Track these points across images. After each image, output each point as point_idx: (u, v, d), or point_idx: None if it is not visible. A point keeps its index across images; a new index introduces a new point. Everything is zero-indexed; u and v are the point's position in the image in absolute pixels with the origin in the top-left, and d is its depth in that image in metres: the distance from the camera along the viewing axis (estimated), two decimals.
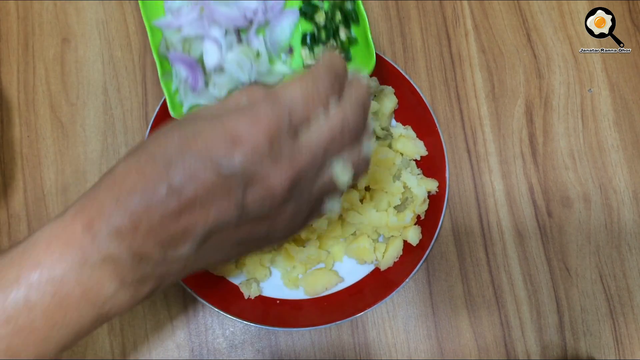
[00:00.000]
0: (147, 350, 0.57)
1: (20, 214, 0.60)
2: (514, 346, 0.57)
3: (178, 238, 0.30)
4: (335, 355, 0.57)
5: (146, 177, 0.29)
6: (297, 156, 0.30)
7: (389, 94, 0.59)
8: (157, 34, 0.51)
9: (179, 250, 0.30)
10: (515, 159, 0.61)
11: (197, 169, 0.28)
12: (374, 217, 0.55)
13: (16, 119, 0.62)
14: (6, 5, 0.64)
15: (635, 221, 0.60)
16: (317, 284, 0.57)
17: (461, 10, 0.65)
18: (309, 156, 0.31)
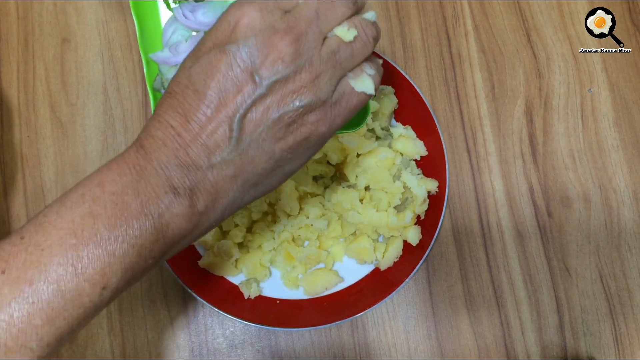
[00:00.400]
0: (147, 350, 0.57)
1: (20, 214, 0.60)
2: (514, 346, 0.57)
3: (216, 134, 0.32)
4: (335, 355, 0.57)
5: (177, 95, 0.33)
6: (293, 22, 0.33)
7: (389, 94, 0.59)
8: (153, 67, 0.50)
9: (222, 148, 0.33)
10: (515, 159, 0.61)
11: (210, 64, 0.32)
12: (374, 217, 0.55)
13: (16, 119, 0.62)
14: (6, 5, 0.64)
15: (635, 221, 0.60)
16: (317, 284, 0.57)
17: (461, 10, 0.65)
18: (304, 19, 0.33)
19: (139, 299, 0.58)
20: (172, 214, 0.32)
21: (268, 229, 0.57)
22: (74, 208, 0.31)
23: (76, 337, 0.57)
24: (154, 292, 0.58)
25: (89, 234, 0.31)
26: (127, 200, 0.31)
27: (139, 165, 0.32)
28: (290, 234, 0.57)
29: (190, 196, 0.33)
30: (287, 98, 0.33)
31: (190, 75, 0.33)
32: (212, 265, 0.57)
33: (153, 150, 0.32)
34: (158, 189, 0.32)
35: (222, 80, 0.32)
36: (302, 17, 0.33)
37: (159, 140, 0.33)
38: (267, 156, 0.34)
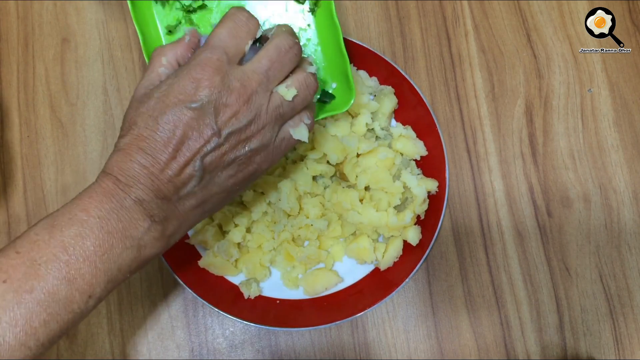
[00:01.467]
0: (147, 350, 0.57)
1: (20, 214, 0.60)
2: (514, 346, 0.57)
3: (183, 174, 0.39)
4: (335, 355, 0.57)
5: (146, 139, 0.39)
6: (246, 82, 0.40)
7: (389, 94, 0.59)
8: None
9: (187, 185, 0.39)
10: (515, 159, 0.61)
11: (177, 117, 0.38)
12: (374, 217, 0.55)
13: (16, 119, 0.62)
14: (6, 5, 0.64)
15: (635, 221, 0.60)
16: (317, 284, 0.57)
17: (461, 10, 0.65)
18: (255, 80, 0.40)
19: (139, 299, 0.58)
20: (149, 237, 0.39)
21: (268, 229, 0.57)
22: (64, 229, 0.37)
23: (75, 337, 0.57)
24: (154, 292, 0.58)
25: (79, 252, 0.36)
26: (111, 223, 0.37)
27: (119, 197, 0.38)
28: (290, 234, 0.57)
29: (163, 223, 0.40)
30: (239, 145, 0.40)
31: (157, 124, 0.38)
32: (212, 265, 0.57)
33: (131, 185, 0.38)
34: (138, 217, 0.38)
35: (188, 131, 0.38)
36: (253, 77, 0.40)
37: (135, 178, 0.38)
38: (222, 189, 0.42)
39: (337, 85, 0.52)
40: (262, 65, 0.41)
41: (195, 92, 0.38)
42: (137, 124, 0.39)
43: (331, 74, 0.52)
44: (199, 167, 0.39)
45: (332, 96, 0.52)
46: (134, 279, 0.58)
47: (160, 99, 0.39)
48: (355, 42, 0.58)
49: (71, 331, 0.39)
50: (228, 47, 0.40)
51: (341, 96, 0.51)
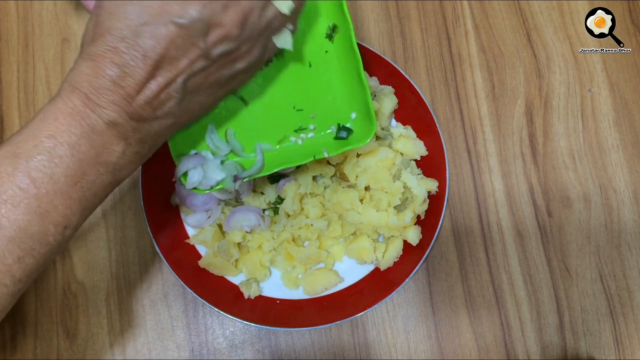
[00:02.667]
0: (147, 350, 0.57)
1: None
2: (514, 346, 0.57)
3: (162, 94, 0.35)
4: (335, 355, 0.57)
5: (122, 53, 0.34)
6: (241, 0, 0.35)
7: (389, 94, 0.59)
8: None
9: (166, 105, 0.36)
10: (515, 159, 0.61)
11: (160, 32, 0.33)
12: (374, 217, 0.55)
13: (16, 119, 0.62)
14: (6, 5, 0.64)
15: (635, 221, 0.60)
16: (317, 284, 0.57)
17: (461, 10, 0.65)
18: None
19: (139, 299, 0.58)
20: (125, 160, 0.36)
21: (268, 229, 0.57)
22: (29, 160, 0.33)
23: (75, 337, 0.57)
24: (154, 292, 0.58)
25: (50, 184, 0.33)
26: (82, 149, 0.34)
27: (90, 119, 0.34)
28: (290, 234, 0.57)
29: (138, 143, 0.37)
30: (226, 65, 0.37)
31: (137, 35, 0.33)
32: (212, 265, 0.57)
33: (102, 105, 0.34)
34: (112, 140, 0.35)
35: (172, 49, 0.34)
36: None
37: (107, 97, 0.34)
38: (200, 105, 0.39)
39: (357, 116, 0.49)
40: None
41: (185, 4, 0.33)
42: (111, 32, 0.34)
43: (350, 103, 0.49)
44: (181, 88, 0.36)
45: (349, 130, 0.49)
46: (134, 279, 0.58)
47: (144, 7, 0.33)
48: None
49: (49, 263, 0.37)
50: None
51: (361, 128, 0.49)
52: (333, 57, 0.48)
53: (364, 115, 0.48)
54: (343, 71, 0.48)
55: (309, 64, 0.49)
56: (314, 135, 0.50)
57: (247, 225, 0.56)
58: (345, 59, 0.48)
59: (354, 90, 0.48)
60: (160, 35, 0.33)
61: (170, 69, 0.34)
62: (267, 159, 0.49)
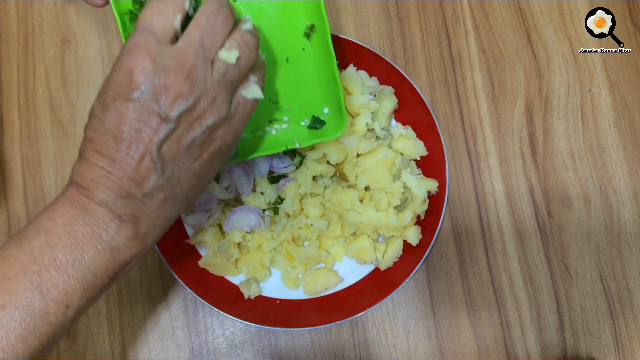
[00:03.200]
0: (147, 350, 0.57)
1: (20, 214, 0.60)
2: (514, 346, 0.57)
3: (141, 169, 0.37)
4: (335, 355, 0.57)
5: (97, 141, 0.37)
6: (181, 58, 0.37)
7: (389, 94, 0.59)
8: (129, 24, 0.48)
9: (149, 179, 0.37)
10: (515, 159, 0.61)
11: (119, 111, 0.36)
12: (374, 217, 0.55)
13: (16, 119, 0.62)
14: (6, 5, 0.64)
15: (635, 221, 0.60)
16: (317, 284, 0.57)
17: (461, 10, 0.65)
18: (190, 53, 0.37)
19: (139, 299, 0.58)
20: (121, 238, 0.37)
21: (268, 229, 0.57)
22: (32, 241, 0.36)
23: (75, 337, 0.57)
24: (154, 292, 0.58)
25: (49, 261, 0.35)
26: (78, 228, 0.36)
27: (83, 202, 0.37)
28: (290, 234, 0.57)
29: (133, 221, 0.38)
30: (194, 124, 0.38)
31: (103, 123, 0.37)
32: (212, 265, 0.57)
33: (92, 188, 0.37)
34: (105, 218, 0.37)
35: (134, 124, 0.36)
36: (188, 49, 0.37)
37: (94, 180, 0.37)
38: (190, 174, 0.40)
39: (329, 111, 0.52)
40: (194, 36, 0.37)
41: (130, 81, 0.36)
42: (87, 127, 0.38)
43: (323, 99, 0.52)
44: (157, 158, 0.37)
45: (323, 122, 0.52)
46: (134, 279, 0.58)
47: (101, 97, 0.38)
48: (355, 42, 0.58)
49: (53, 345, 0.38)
50: (155, 26, 0.37)
51: (332, 122, 0.51)
52: (310, 55, 0.51)
53: (336, 111, 0.51)
54: (319, 69, 0.51)
55: (287, 60, 0.52)
56: (287, 126, 0.53)
57: (247, 225, 0.56)
58: (321, 58, 0.50)
59: (328, 87, 0.51)
60: (120, 115, 0.36)
61: (139, 142, 0.36)
62: (241, 146, 0.51)
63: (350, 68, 0.60)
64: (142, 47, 0.36)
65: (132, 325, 0.57)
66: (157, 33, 0.37)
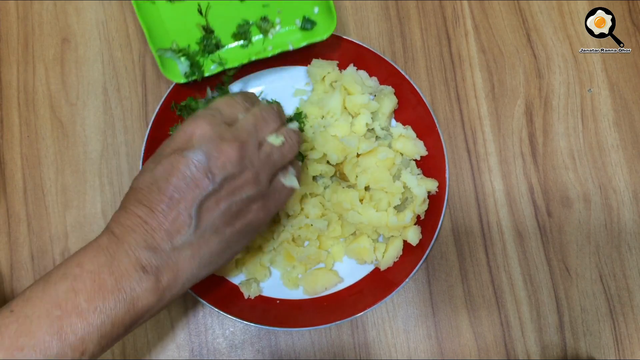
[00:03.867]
0: (147, 350, 0.57)
1: (20, 214, 0.60)
2: (514, 346, 0.57)
3: (177, 222, 0.39)
4: (335, 355, 0.57)
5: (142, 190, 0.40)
6: (237, 133, 0.42)
7: (389, 94, 0.59)
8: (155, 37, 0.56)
9: (182, 233, 0.39)
10: (515, 159, 0.61)
11: (171, 165, 0.40)
12: (374, 217, 0.55)
13: (16, 119, 0.62)
14: (6, 5, 0.64)
15: (635, 221, 0.60)
16: (317, 283, 0.57)
17: (461, 10, 0.65)
18: (245, 132, 0.43)
19: None
20: (141, 289, 0.38)
21: (268, 229, 0.57)
22: (57, 285, 0.37)
23: None
24: None
25: (72, 307, 0.36)
26: (103, 277, 0.38)
27: (112, 249, 0.39)
28: (290, 234, 0.57)
29: (156, 274, 0.39)
30: (235, 191, 0.41)
31: (153, 175, 0.40)
32: None
33: (123, 235, 0.39)
34: (130, 268, 0.38)
35: (181, 178, 0.39)
36: (243, 129, 0.42)
37: (129, 228, 0.39)
38: (219, 238, 0.42)
39: (319, 10, 0.55)
40: (250, 121, 0.43)
41: (189, 140, 0.40)
42: (136, 179, 0.41)
43: None
44: (194, 214, 0.39)
45: (314, 22, 0.55)
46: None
47: (157, 154, 0.41)
48: (355, 42, 0.58)
49: None
50: (223, 109, 0.43)
51: (323, 22, 0.55)
52: None
53: (325, 10, 0.55)
54: None
55: None
56: (280, 28, 0.57)
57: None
58: None
59: None
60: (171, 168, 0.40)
61: (182, 196, 0.39)
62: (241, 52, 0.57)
63: (350, 68, 0.60)
64: (207, 119, 0.41)
65: None
66: (224, 114, 0.43)
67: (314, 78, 0.60)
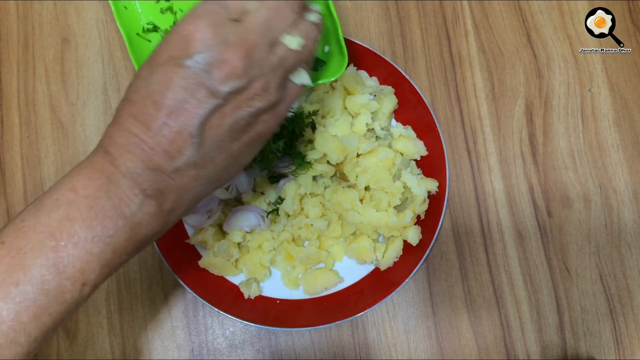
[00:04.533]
0: (147, 350, 0.57)
1: None
2: (514, 346, 0.57)
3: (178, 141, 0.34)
4: (335, 355, 0.57)
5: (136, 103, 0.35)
6: (244, 35, 0.35)
7: (389, 94, 0.59)
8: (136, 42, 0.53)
9: (183, 153, 0.35)
10: (515, 159, 0.61)
11: (167, 76, 0.34)
12: (374, 217, 0.55)
13: (16, 119, 0.62)
14: (6, 5, 0.64)
15: (635, 221, 0.60)
16: (317, 283, 0.57)
17: (461, 10, 0.65)
18: (254, 32, 0.35)
19: (139, 299, 0.58)
20: (143, 214, 0.35)
21: (268, 229, 0.57)
22: (51, 213, 0.34)
23: (75, 337, 0.57)
24: (154, 292, 0.58)
25: (67, 236, 0.33)
26: (100, 202, 0.34)
27: (108, 171, 0.35)
28: (290, 234, 0.57)
29: (158, 197, 0.35)
30: (242, 105, 0.36)
31: (148, 85, 0.35)
32: (212, 265, 0.57)
33: (119, 156, 0.35)
34: (129, 192, 0.34)
35: (179, 92, 0.34)
36: (252, 28, 0.35)
37: (123, 147, 0.35)
38: (225, 154, 0.37)
39: (330, 50, 0.52)
40: (260, 15, 0.36)
41: (187, 46, 0.34)
42: (130, 88, 0.36)
43: (323, 38, 0.51)
44: (197, 133, 0.35)
45: (323, 62, 0.51)
46: (134, 279, 0.58)
47: (152, 59, 0.35)
48: (355, 42, 0.58)
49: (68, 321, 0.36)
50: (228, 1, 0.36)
51: (334, 62, 0.51)
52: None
53: (336, 49, 0.50)
54: None
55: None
56: None
57: (247, 225, 0.56)
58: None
59: (326, 25, 0.50)
60: (167, 79, 0.34)
61: (182, 112, 0.34)
62: None
63: (350, 68, 0.60)
64: (209, 16, 0.35)
65: (132, 325, 0.57)
66: (229, 7, 0.36)
67: None
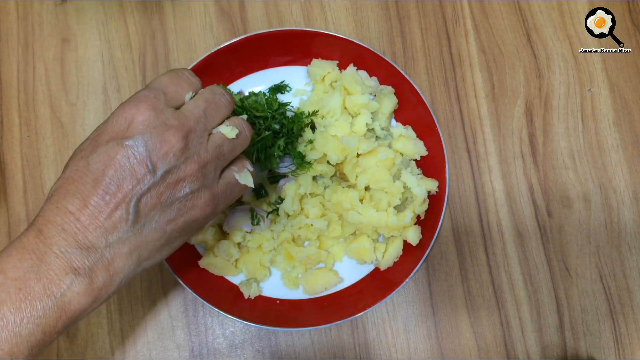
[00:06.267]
0: (147, 350, 0.57)
1: (20, 214, 0.60)
2: (514, 346, 0.57)
3: (113, 217, 0.36)
4: (335, 355, 0.57)
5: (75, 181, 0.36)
6: (183, 119, 0.38)
7: (389, 94, 0.59)
8: None
9: (118, 230, 0.36)
10: (515, 159, 0.61)
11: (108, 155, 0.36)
12: (374, 217, 0.55)
13: (16, 119, 0.62)
14: (6, 5, 0.64)
15: (635, 221, 0.60)
16: (317, 283, 0.57)
17: (461, 10, 0.65)
18: (192, 118, 0.38)
19: (139, 299, 0.58)
20: (73, 293, 0.35)
21: (268, 229, 0.57)
22: None
23: (75, 337, 0.57)
24: (154, 292, 0.58)
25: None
26: (29, 284, 0.34)
27: (39, 250, 0.35)
28: (290, 234, 0.57)
29: (89, 275, 0.36)
30: (178, 185, 0.38)
31: (88, 164, 0.36)
32: (212, 265, 0.57)
33: (52, 235, 0.35)
34: (59, 271, 0.35)
35: (119, 170, 0.36)
36: (191, 115, 0.38)
37: (58, 226, 0.35)
38: (159, 234, 0.38)
39: None
40: (199, 105, 0.39)
41: (128, 128, 0.36)
42: (69, 166, 0.37)
43: None
44: (133, 210, 0.36)
45: None
46: (134, 279, 0.58)
47: (93, 138, 0.37)
48: (355, 42, 0.58)
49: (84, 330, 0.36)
50: (167, 90, 0.39)
51: None
52: None
53: None
54: None
55: None
56: None
57: (247, 225, 0.56)
58: None
59: None
60: (108, 158, 0.36)
61: (119, 189, 0.36)
62: None
63: (350, 68, 0.60)
64: (150, 101, 0.37)
65: (132, 325, 0.57)
66: (167, 95, 0.38)
67: (314, 78, 0.60)
